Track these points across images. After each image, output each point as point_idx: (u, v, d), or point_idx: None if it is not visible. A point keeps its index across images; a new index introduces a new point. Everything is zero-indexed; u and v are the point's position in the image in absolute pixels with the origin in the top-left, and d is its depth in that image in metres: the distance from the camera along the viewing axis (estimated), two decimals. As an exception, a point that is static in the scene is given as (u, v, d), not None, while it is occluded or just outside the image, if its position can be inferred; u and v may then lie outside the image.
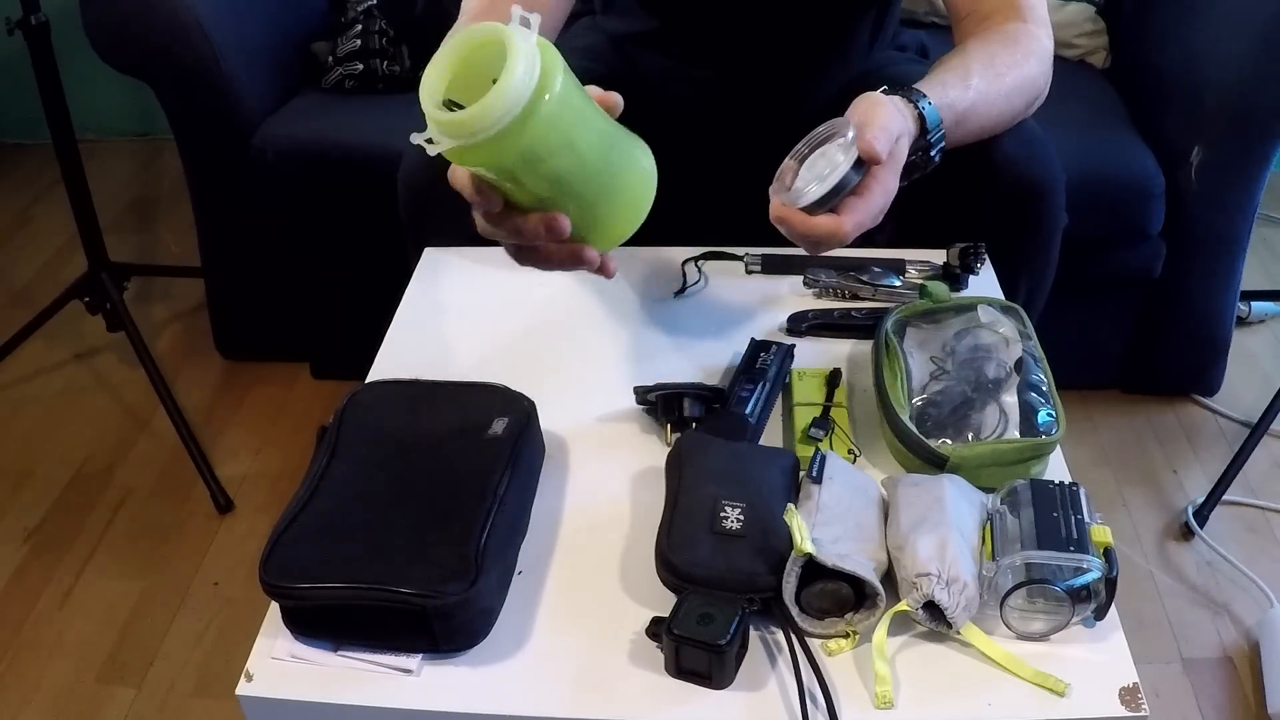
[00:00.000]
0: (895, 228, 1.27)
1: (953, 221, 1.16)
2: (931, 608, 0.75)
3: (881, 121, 0.91)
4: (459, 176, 0.84)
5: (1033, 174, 1.17)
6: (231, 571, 1.70)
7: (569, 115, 0.78)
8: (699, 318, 1.11)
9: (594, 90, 0.83)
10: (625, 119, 0.85)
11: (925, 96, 0.99)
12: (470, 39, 0.78)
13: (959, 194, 1.16)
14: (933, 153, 1.00)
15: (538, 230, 0.82)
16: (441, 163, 0.79)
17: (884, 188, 0.91)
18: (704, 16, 1.29)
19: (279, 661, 0.77)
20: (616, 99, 0.84)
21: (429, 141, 0.76)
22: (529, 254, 0.87)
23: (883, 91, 0.97)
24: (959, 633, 0.76)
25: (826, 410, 0.96)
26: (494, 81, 0.73)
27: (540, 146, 0.77)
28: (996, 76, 1.08)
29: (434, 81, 0.77)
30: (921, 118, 0.98)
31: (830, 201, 0.89)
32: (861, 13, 1.31)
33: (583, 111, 0.80)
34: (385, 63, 1.92)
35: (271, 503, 1.82)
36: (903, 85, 1.00)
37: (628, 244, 0.86)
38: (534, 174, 0.79)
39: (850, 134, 0.89)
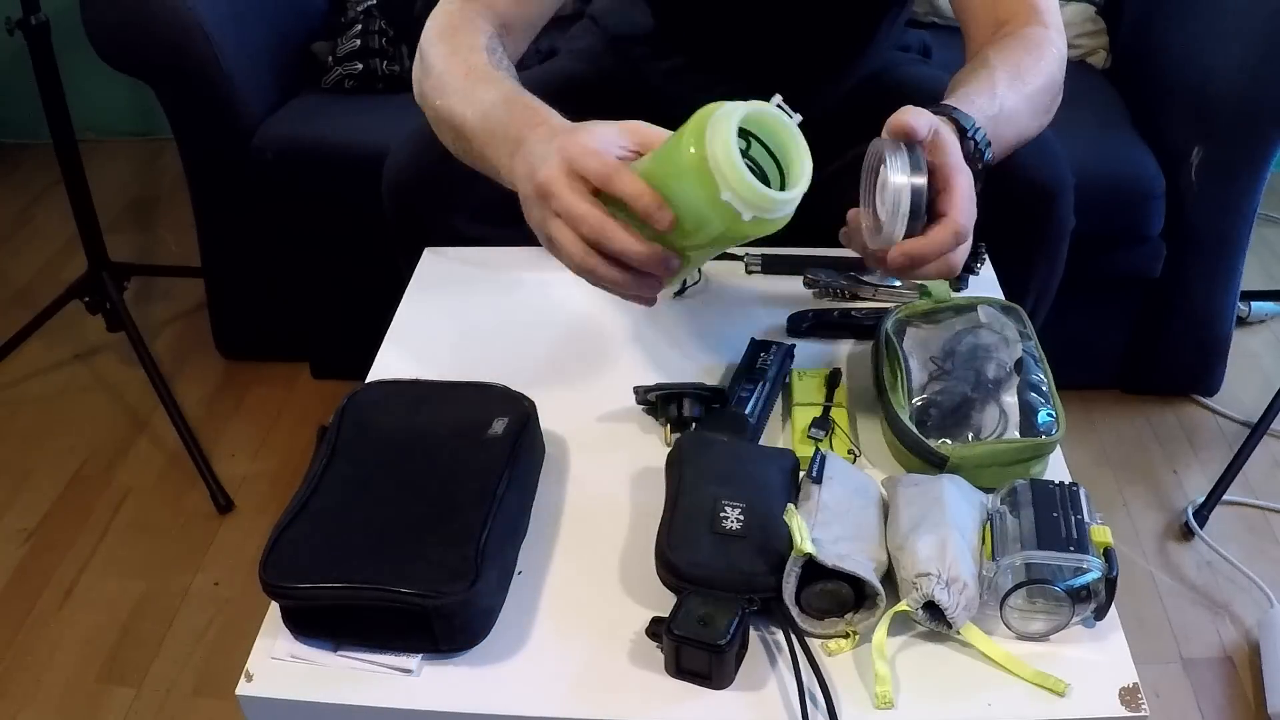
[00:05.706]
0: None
1: None
2: (931, 608, 0.75)
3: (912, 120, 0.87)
4: (635, 185, 0.82)
5: (1043, 177, 1.16)
6: (231, 571, 1.70)
7: None
8: (699, 318, 1.11)
9: None
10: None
11: (954, 108, 0.94)
12: (758, 115, 0.82)
13: None
14: (982, 149, 0.94)
15: (654, 261, 0.84)
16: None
17: (959, 172, 0.85)
18: (710, 20, 1.28)
19: (279, 661, 0.77)
20: None
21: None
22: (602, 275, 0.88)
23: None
24: (959, 633, 0.76)
25: (826, 410, 0.96)
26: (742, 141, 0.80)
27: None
28: (1023, 84, 1.03)
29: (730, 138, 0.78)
30: (957, 123, 0.93)
31: (919, 218, 0.84)
32: (876, 16, 1.29)
33: None
34: (385, 63, 1.92)
35: (271, 503, 1.82)
36: (931, 103, 0.95)
37: None
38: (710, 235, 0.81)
39: (898, 150, 0.85)
